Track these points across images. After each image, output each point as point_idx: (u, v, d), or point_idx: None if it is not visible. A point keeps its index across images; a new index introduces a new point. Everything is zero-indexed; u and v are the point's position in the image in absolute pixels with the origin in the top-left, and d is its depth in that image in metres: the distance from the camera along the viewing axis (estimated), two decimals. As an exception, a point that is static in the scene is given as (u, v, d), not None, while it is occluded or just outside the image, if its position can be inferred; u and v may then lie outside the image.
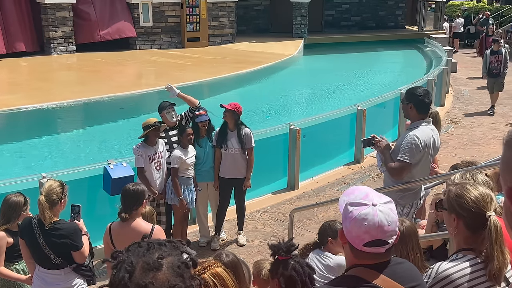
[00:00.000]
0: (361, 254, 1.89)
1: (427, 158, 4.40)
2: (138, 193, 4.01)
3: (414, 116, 4.38)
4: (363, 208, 1.86)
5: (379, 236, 1.84)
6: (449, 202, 2.29)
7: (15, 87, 13.61)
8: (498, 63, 12.58)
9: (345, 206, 1.91)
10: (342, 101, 13.33)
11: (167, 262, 1.34)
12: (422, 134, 4.28)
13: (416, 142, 4.23)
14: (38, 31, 18.78)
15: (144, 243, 1.39)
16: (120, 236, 3.98)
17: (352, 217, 1.87)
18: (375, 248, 1.85)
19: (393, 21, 26.47)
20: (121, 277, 1.31)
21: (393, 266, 1.91)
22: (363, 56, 20.45)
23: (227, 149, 6.12)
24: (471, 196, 2.23)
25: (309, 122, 8.86)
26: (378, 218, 1.83)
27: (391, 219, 1.85)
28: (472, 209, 2.22)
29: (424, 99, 4.32)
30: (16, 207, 4.19)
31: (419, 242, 2.99)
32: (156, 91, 13.37)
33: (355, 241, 1.87)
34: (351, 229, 1.87)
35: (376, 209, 1.85)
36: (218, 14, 21.03)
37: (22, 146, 10.19)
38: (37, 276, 4.01)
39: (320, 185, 8.25)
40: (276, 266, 2.46)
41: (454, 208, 2.26)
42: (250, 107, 11.30)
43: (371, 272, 1.88)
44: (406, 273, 1.95)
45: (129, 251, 1.38)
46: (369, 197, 1.89)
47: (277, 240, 2.66)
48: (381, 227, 1.84)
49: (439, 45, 19.42)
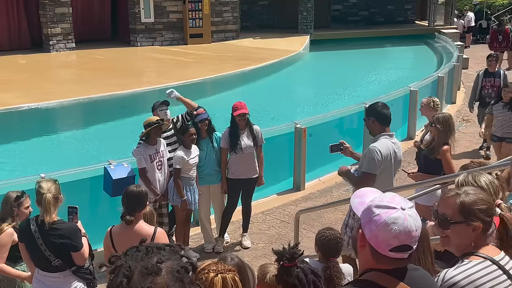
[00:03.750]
0: (383, 259, 1.85)
1: (389, 170, 4.64)
2: (141, 195, 4.01)
3: (378, 129, 4.63)
4: (392, 212, 1.82)
5: (407, 242, 1.81)
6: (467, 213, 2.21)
7: (13, 85, 13.47)
8: (494, 90, 9.07)
9: (368, 208, 1.86)
10: (350, 99, 13.26)
11: (166, 266, 1.33)
12: (382, 147, 4.53)
13: (376, 153, 4.50)
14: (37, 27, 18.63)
15: (142, 247, 1.38)
16: (122, 240, 3.95)
17: (380, 220, 1.82)
18: (401, 253, 1.83)
19: (402, 16, 26.18)
20: (119, 282, 1.30)
21: (410, 273, 1.88)
22: (371, 52, 20.28)
23: (242, 150, 6.03)
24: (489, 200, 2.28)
25: (316, 120, 8.85)
26: (408, 223, 1.81)
27: (418, 224, 1.84)
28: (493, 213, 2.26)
29: (383, 110, 4.61)
30: (7, 201, 4.22)
31: (430, 246, 2.96)
32: (157, 89, 13.51)
33: (381, 246, 1.83)
34: (378, 233, 1.82)
35: (406, 214, 1.82)
36: (221, 9, 20.86)
37: (20, 146, 10.13)
38: (37, 280, 4.01)
39: (326, 186, 8.22)
40: (280, 272, 2.46)
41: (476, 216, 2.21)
42: (254, 106, 11.15)
43: (388, 278, 1.84)
44: (422, 279, 1.93)
45: (127, 255, 1.37)
46: (396, 200, 1.85)
47: (282, 245, 2.66)
48: (410, 232, 1.81)
49: (450, 41, 19.28)
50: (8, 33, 18.19)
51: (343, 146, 4.92)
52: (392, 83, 14.90)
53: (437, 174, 5.27)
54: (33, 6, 18.52)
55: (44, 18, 18.25)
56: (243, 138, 6.09)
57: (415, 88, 10.45)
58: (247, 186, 6.31)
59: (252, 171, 6.22)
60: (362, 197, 1.94)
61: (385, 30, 23.66)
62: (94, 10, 19.81)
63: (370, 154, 4.53)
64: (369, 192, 1.95)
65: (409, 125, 10.41)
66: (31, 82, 14.00)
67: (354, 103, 10.45)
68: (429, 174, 5.36)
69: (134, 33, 19.61)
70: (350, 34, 22.77)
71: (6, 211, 4.23)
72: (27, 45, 18.45)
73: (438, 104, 6.67)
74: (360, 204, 1.93)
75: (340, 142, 4.96)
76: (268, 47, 19.35)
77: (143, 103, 13.03)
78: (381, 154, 4.50)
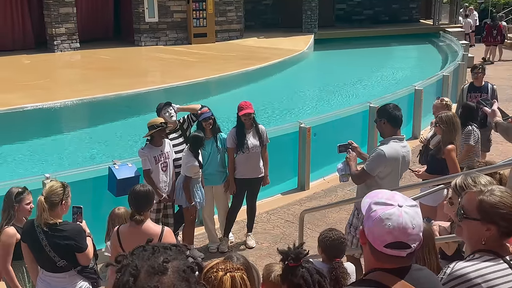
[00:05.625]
0: (381, 256, 1.86)
1: (396, 173, 4.64)
2: (148, 194, 4.01)
3: (389, 131, 4.61)
4: (388, 208, 1.84)
5: (402, 238, 1.81)
6: (484, 213, 2.19)
7: (17, 86, 13.46)
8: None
9: (369, 205, 1.89)
10: (354, 98, 13.21)
11: (173, 266, 1.34)
12: (390, 150, 4.52)
13: (381, 156, 4.49)
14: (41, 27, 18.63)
15: (149, 246, 1.39)
16: (130, 239, 3.93)
17: (375, 216, 1.84)
18: (396, 250, 1.82)
19: (407, 14, 26.08)
20: (126, 281, 1.31)
21: (413, 272, 1.88)
22: (375, 52, 20.23)
23: (249, 150, 6.02)
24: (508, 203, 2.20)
25: (320, 120, 8.80)
26: (403, 220, 1.81)
27: (416, 223, 1.82)
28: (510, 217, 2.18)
29: (394, 111, 4.61)
30: (9, 197, 4.21)
31: (435, 246, 2.94)
32: (162, 89, 13.57)
33: (376, 242, 1.84)
34: (374, 228, 1.84)
35: (402, 210, 1.82)
36: (225, 9, 20.82)
37: (25, 147, 10.12)
38: (41, 280, 3.99)
39: (331, 185, 8.15)
40: (285, 272, 2.46)
41: (491, 218, 2.18)
42: (258, 105, 11.27)
43: (391, 277, 1.84)
44: (427, 279, 1.92)
45: (133, 255, 1.37)
46: (395, 198, 1.87)
47: (287, 245, 2.66)
48: (405, 229, 1.81)
49: (455, 39, 19.17)
50: (13, 33, 18.20)
51: (351, 146, 4.94)
52: (397, 82, 14.85)
53: (444, 174, 5.20)
54: (37, 6, 18.55)
55: (49, 18, 18.25)
56: (249, 137, 6.07)
57: (420, 87, 10.39)
58: (253, 186, 6.30)
59: (258, 170, 6.21)
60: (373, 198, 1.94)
61: (390, 29, 23.58)
62: (98, 10, 19.83)
63: (375, 156, 4.57)
64: (380, 194, 1.95)
65: (414, 124, 10.34)
66: (35, 82, 13.98)
67: (358, 102, 10.44)
68: (435, 174, 5.30)
69: (138, 32, 19.61)
70: (355, 33, 22.70)
71: (7, 207, 4.23)
72: (31, 45, 18.45)
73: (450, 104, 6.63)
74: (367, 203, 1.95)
75: (349, 142, 4.98)
76: (272, 46, 19.30)
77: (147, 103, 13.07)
78: (386, 158, 4.50)
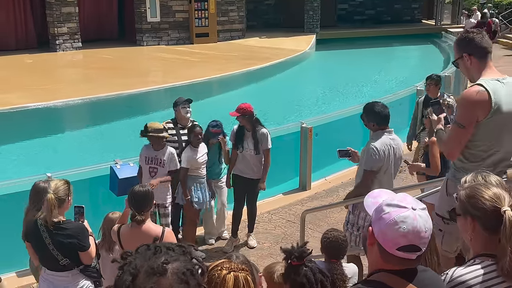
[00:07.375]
0: (391, 259, 1.84)
1: (389, 170, 4.72)
2: (147, 194, 4.02)
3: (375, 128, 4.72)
4: (402, 211, 1.82)
5: (415, 242, 1.81)
6: (462, 205, 2.25)
7: (19, 85, 13.49)
8: None
9: (380, 206, 1.88)
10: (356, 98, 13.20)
11: (172, 267, 1.32)
12: (381, 145, 4.62)
13: (374, 151, 4.59)
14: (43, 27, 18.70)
15: (153, 246, 1.38)
16: (130, 239, 3.94)
17: (389, 218, 1.83)
18: (408, 253, 1.82)
19: (409, 15, 26.11)
20: (124, 280, 1.31)
21: (419, 274, 1.88)
22: (377, 52, 20.26)
23: (243, 150, 6.09)
24: (484, 195, 2.20)
25: (322, 120, 8.80)
26: (417, 223, 1.81)
27: (428, 226, 1.84)
28: (487, 208, 2.17)
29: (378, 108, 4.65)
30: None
31: (436, 246, 2.93)
32: (163, 89, 13.53)
33: (388, 244, 1.83)
34: (386, 231, 1.83)
35: (416, 214, 1.82)
36: (227, 8, 20.86)
37: (26, 146, 10.13)
38: (44, 279, 4.00)
39: (333, 185, 8.13)
40: (288, 271, 2.45)
41: (467, 210, 2.22)
42: (260, 105, 11.14)
43: (396, 279, 1.84)
44: (431, 281, 1.92)
45: (137, 253, 1.37)
46: (407, 200, 1.87)
47: (289, 244, 2.65)
48: (419, 232, 1.81)
49: None
50: (15, 32, 18.25)
51: (350, 152, 5.05)
52: (399, 82, 14.86)
53: None
54: (39, 5, 18.59)
55: (51, 18, 18.30)
56: (246, 138, 6.11)
57: (421, 88, 10.37)
58: (248, 186, 6.29)
59: (252, 172, 6.18)
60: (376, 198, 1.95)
61: (392, 29, 23.62)
62: (100, 10, 19.87)
63: (368, 153, 4.64)
64: (383, 193, 1.97)
65: (416, 124, 10.33)
66: (37, 81, 14.01)
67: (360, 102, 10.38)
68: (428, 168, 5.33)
69: (140, 32, 19.64)
70: (357, 33, 22.75)
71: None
72: (34, 44, 18.52)
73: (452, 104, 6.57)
74: (373, 203, 1.95)
75: (348, 149, 5.09)
76: (274, 46, 19.34)
77: (149, 102, 13.13)
78: (378, 152, 4.59)
